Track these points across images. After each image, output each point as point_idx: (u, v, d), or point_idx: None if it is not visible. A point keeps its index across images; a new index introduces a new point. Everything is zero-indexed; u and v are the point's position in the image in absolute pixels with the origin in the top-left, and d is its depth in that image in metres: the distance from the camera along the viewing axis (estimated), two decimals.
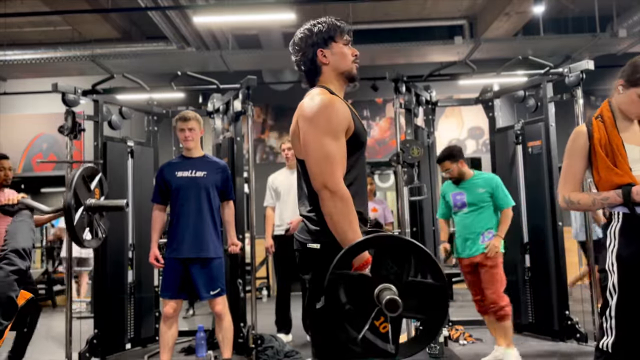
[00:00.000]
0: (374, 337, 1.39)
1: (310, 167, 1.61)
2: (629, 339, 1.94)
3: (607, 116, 2.08)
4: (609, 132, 2.04)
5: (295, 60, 1.81)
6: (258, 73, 7.20)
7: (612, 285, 1.98)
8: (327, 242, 1.61)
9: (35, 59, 7.11)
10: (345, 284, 1.41)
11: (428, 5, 7.00)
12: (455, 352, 4.02)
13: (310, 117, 1.63)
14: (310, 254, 1.66)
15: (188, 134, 3.34)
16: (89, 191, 2.84)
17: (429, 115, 4.94)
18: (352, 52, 1.79)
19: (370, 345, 1.38)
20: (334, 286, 1.40)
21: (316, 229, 1.66)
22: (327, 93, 1.70)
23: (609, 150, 2.02)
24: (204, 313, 5.99)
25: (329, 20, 1.78)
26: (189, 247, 3.26)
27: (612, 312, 1.97)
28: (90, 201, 2.80)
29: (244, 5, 5.33)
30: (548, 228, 4.26)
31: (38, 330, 3.74)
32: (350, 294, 1.41)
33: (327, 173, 1.56)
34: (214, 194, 3.38)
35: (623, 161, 1.99)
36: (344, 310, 1.41)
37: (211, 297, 3.28)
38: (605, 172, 2.02)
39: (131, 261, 4.44)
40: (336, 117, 1.62)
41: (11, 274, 2.27)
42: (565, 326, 4.11)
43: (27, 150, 8.29)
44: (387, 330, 1.39)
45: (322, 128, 1.60)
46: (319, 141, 1.59)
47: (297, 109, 1.70)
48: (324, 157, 1.58)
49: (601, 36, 6.72)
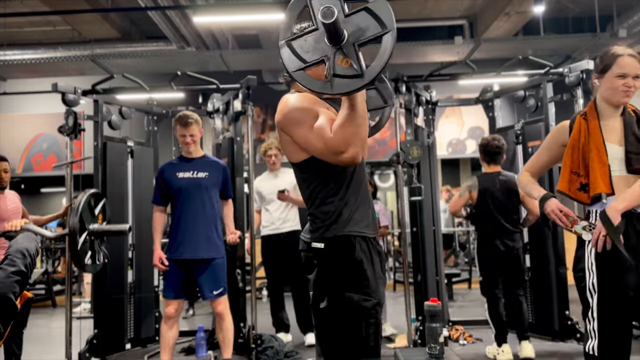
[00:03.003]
0: (341, 76, 1.36)
1: (321, 156, 1.57)
2: (612, 340, 1.91)
3: (591, 114, 2.08)
4: (590, 130, 2.04)
5: None
6: (258, 73, 7.21)
7: (591, 285, 1.96)
8: (330, 240, 1.61)
9: (35, 59, 7.12)
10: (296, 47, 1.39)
11: (428, 5, 7.00)
12: (455, 352, 4.02)
13: (288, 120, 1.61)
14: (314, 253, 1.66)
15: (189, 139, 3.33)
16: (93, 216, 2.87)
17: (429, 115, 4.93)
18: None
19: (340, 83, 1.35)
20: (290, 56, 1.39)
21: (319, 227, 1.65)
22: (295, 93, 1.69)
23: (586, 150, 2.02)
24: (204, 313, 6.00)
25: None
26: (190, 249, 3.26)
27: (594, 313, 1.94)
28: (93, 226, 2.82)
29: (244, 5, 5.33)
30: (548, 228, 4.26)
31: (38, 330, 3.73)
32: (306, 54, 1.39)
33: (328, 146, 1.51)
34: (215, 194, 3.39)
35: (598, 159, 1.99)
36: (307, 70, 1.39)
37: (214, 297, 3.28)
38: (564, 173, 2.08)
39: (131, 261, 4.44)
40: (307, 105, 1.60)
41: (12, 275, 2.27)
42: (565, 326, 4.12)
43: (27, 150, 8.30)
44: (349, 63, 1.36)
45: (302, 121, 1.58)
46: (309, 133, 1.56)
47: (276, 120, 1.68)
48: (319, 138, 1.53)
49: (601, 36, 6.73)
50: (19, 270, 2.29)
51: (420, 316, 4.01)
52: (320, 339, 1.67)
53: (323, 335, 1.66)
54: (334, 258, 1.60)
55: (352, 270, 1.60)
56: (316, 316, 1.67)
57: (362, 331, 1.58)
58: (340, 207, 1.63)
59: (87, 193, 2.78)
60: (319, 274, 1.64)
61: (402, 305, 4.22)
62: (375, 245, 1.68)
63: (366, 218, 1.68)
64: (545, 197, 2.12)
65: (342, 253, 1.60)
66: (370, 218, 1.72)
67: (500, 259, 3.72)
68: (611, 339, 1.92)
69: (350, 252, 1.60)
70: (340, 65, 1.36)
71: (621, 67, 2.02)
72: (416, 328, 4.03)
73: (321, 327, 1.66)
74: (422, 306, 3.71)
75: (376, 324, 1.61)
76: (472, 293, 6.79)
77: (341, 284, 1.59)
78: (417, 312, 4.07)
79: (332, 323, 1.60)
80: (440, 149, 7.35)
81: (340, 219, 1.62)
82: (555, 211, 2.06)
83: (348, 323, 1.58)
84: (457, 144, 8.14)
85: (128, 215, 4.46)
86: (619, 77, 2.02)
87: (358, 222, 1.64)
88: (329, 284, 1.61)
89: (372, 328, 1.60)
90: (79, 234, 2.67)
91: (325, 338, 1.65)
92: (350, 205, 1.65)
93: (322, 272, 1.63)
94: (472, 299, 6.37)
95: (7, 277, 2.25)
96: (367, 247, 1.64)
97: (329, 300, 1.60)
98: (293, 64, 1.39)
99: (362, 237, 1.63)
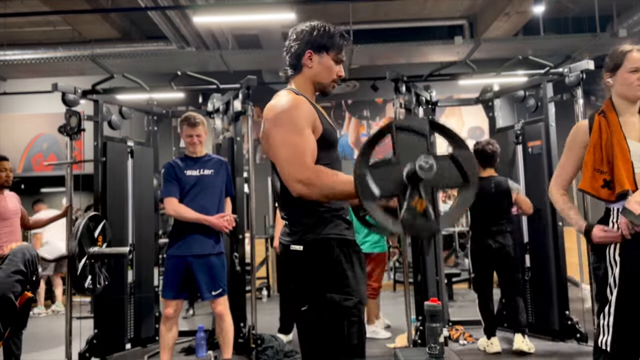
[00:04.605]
0: (413, 218, 1.35)
1: (280, 167, 1.58)
2: (627, 336, 1.92)
3: (609, 112, 2.08)
4: (611, 127, 2.04)
5: (286, 45, 1.78)
6: (258, 73, 7.19)
7: (612, 280, 1.97)
8: (309, 242, 1.61)
9: (35, 59, 7.11)
10: (373, 175, 1.37)
11: (428, 5, 6.99)
12: (455, 352, 4.02)
13: (274, 118, 1.61)
14: (293, 256, 1.64)
15: (195, 139, 3.38)
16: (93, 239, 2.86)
17: (429, 115, 4.93)
18: (338, 71, 1.76)
19: (412, 225, 1.35)
20: (364, 181, 1.36)
21: (297, 230, 1.65)
22: (292, 93, 1.68)
23: (609, 146, 2.02)
24: (204, 313, 5.99)
25: (333, 31, 1.74)
26: (192, 245, 3.28)
27: (612, 308, 1.96)
28: (93, 249, 2.82)
29: (244, 5, 5.32)
30: (548, 228, 4.26)
31: (38, 330, 3.73)
32: (381, 184, 1.36)
33: (297, 166, 1.52)
34: (221, 192, 3.43)
35: (622, 156, 1.98)
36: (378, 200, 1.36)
37: (213, 297, 3.29)
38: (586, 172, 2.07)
39: (131, 261, 4.44)
40: (300, 115, 1.59)
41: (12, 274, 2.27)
42: (565, 326, 4.12)
43: (27, 150, 8.29)
44: (425, 206, 1.35)
45: (286, 127, 1.57)
46: (283, 139, 1.56)
47: (264, 111, 1.68)
48: (291, 154, 1.54)
49: (601, 36, 6.72)
50: (19, 270, 2.30)
51: (420, 316, 4.01)
52: (303, 342, 1.66)
53: (306, 338, 1.65)
54: (313, 260, 1.60)
55: (332, 271, 1.59)
56: (298, 319, 1.66)
57: (345, 330, 1.57)
58: (319, 210, 1.63)
59: (85, 217, 2.78)
60: (298, 276, 1.64)
61: (402, 305, 4.22)
62: (354, 247, 1.67)
63: (346, 221, 1.69)
64: (589, 228, 2.06)
65: (320, 255, 1.60)
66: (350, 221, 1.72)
67: (491, 257, 3.94)
68: (627, 336, 1.93)
69: (329, 253, 1.60)
70: (414, 207, 1.35)
71: (632, 62, 2.06)
72: (416, 328, 4.03)
73: (304, 330, 1.65)
74: (422, 306, 3.72)
75: (359, 322, 1.61)
76: (472, 293, 6.75)
77: (321, 285, 1.59)
78: (417, 312, 4.07)
79: (315, 325, 1.60)
80: (440, 149, 7.34)
81: (319, 222, 1.62)
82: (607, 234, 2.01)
83: (331, 323, 1.58)
84: None
85: (128, 215, 4.46)
86: (632, 72, 2.06)
87: (337, 225, 1.64)
88: (309, 286, 1.61)
89: (355, 326, 1.59)
90: (79, 259, 2.67)
91: (308, 341, 1.64)
92: (331, 209, 1.65)
93: (302, 275, 1.63)
94: (472, 299, 6.34)
95: (8, 276, 2.25)
96: (347, 249, 1.64)
97: (310, 302, 1.60)
98: (366, 192, 1.35)
99: (340, 239, 1.63)
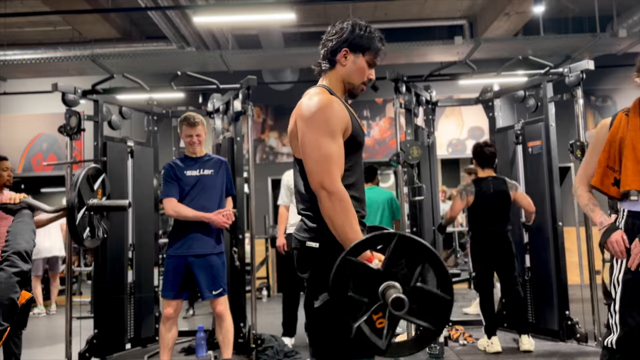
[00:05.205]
0: (369, 331, 1.39)
1: (308, 167, 1.61)
2: (633, 335, 1.93)
3: (634, 111, 2.08)
4: (630, 126, 2.04)
5: (324, 38, 1.79)
6: (258, 73, 7.20)
7: (616, 279, 2.00)
8: (326, 241, 1.61)
9: (35, 59, 7.10)
10: (353, 273, 1.41)
11: (428, 5, 6.99)
12: (455, 352, 4.02)
13: (308, 117, 1.62)
14: (309, 253, 1.66)
15: (195, 139, 3.38)
16: (92, 191, 2.85)
17: (429, 115, 4.93)
18: (369, 74, 1.79)
19: (363, 337, 1.39)
20: (341, 273, 1.40)
21: (314, 227, 1.66)
22: (326, 93, 1.70)
23: (622, 145, 2.02)
24: (204, 313, 5.99)
25: (374, 35, 1.78)
26: (193, 244, 3.29)
27: (617, 306, 1.97)
28: (92, 201, 2.80)
29: (244, 5, 5.32)
30: (548, 228, 4.26)
31: (38, 330, 3.73)
32: (357, 284, 1.40)
33: (325, 173, 1.56)
34: (220, 191, 3.43)
35: (633, 156, 1.98)
36: (346, 297, 1.41)
37: (213, 297, 3.29)
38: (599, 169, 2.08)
39: (131, 261, 4.44)
40: (334, 117, 1.62)
41: (14, 275, 2.27)
42: (565, 326, 4.12)
43: (27, 150, 8.29)
44: (383, 326, 1.39)
45: (320, 128, 1.60)
46: (316, 141, 1.59)
47: (295, 108, 1.70)
48: (322, 157, 1.57)
49: (601, 36, 6.72)
50: (20, 271, 2.30)
51: None
52: (314, 339, 1.67)
53: (317, 334, 1.66)
54: (329, 259, 1.60)
55: None
56: (310, 315, 1.67)
57: None
58: None
59: (85, 168, 2.76)
60: (313, 273, 1.65)
61: None
62: None
63: (362, 224, 1.71)
64: (611, 228, 2.03)
65: (336, 255, 1.61)
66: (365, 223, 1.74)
67: (491, 257, 3.99)
68: (632, 334, 1.93)
69: None
70: (374, 321, 1.40)
71: None
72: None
73: (315, 326, 1.66)
74: None
75: None
76: (472, 293, 6.78)
77: None
78: None
79: (327, 321, 1.60)
80: (440, 149, 7.34)
81: None
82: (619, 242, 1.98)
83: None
84: (457, 144, 8.13)
85: (128, 215, 4.46)
86: None
87: None
88: (324, 283, 1.61)
89: None
90: (77, 209, 2.64)
91: (319, 337, 1.65)
92: None
93: (317, 272, 1.63)
94: (472, 299, 6.36)
95: (9, 277, 2.25)
96: None
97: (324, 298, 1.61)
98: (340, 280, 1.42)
99: None
